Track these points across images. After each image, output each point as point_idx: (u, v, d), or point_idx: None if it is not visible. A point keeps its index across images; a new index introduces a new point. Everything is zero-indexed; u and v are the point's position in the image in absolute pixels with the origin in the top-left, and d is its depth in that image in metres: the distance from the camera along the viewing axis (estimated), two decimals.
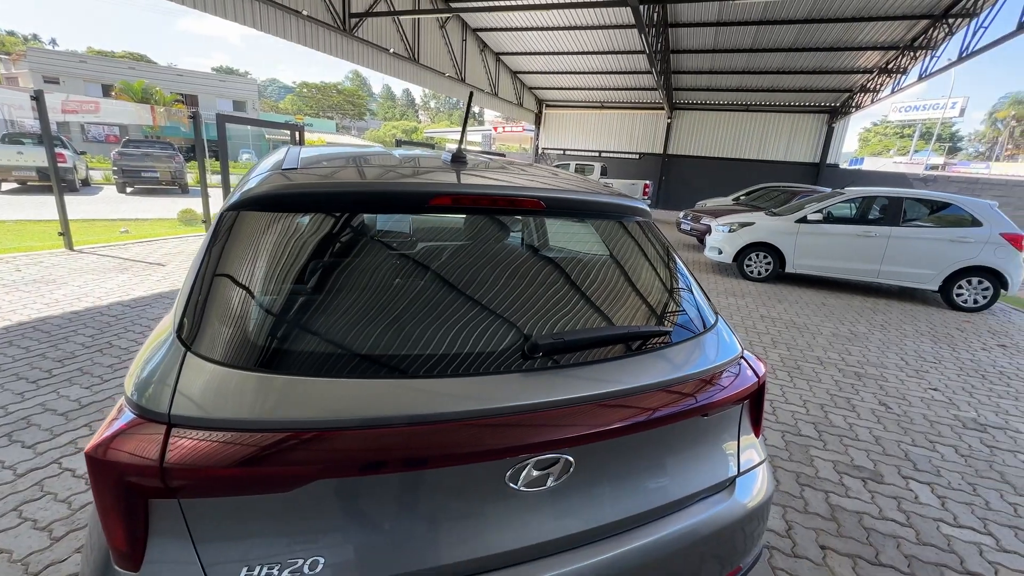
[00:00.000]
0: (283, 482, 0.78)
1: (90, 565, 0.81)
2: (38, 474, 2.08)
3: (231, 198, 1.08)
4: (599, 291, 1.22)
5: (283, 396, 0.81)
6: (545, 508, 0.95)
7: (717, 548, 1.15)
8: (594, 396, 0.96)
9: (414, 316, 0.98)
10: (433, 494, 0.87)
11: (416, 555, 0.86)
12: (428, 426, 0.84)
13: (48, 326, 3.69)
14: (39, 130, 15.09)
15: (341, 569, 0.82)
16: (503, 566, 0.91)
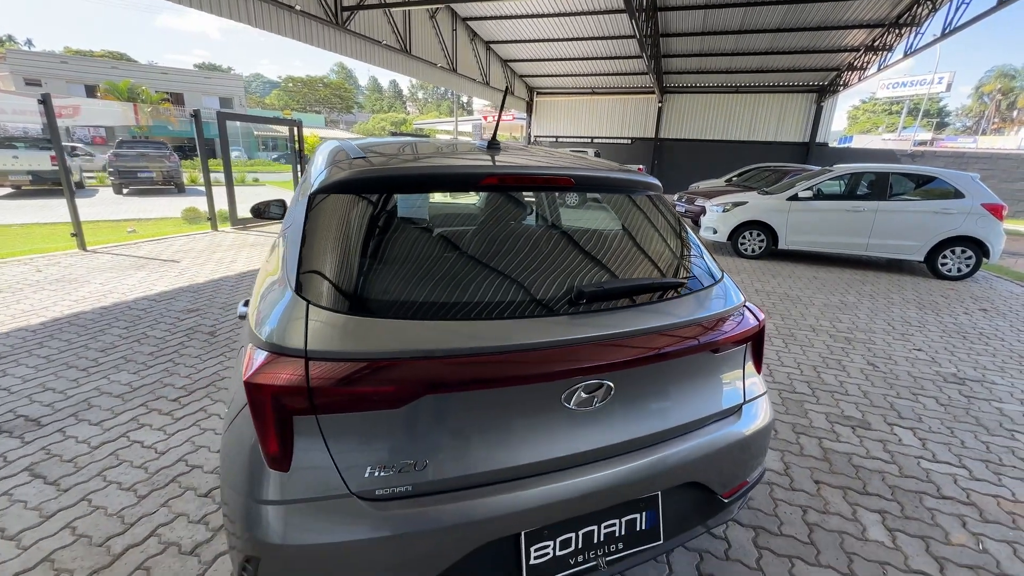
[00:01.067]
0: (393, 399, 1.00)
1: (248, 469, 1.02)
2: (110, 446, 2.30)
3: (316, 184, 1.28)
4: (625, 252, 1.45)
5: (391, 334, 1.02)
6: (591, 424, 1.18)
7: (728, 462, 1.39)
8: (627, 333, 1.19)
9: (483, 272, 1.20)
10: (506, 410, 1.10)
11: (494, 458, 1.09)
12: (501, 355, 1.07)
13: (82, 320, 3.87)
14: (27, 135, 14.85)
15: (440, 468, 1.05)
16: (559, 469, 1.15)
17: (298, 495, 0.99)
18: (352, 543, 0.99)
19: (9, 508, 1.89)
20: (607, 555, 1.22)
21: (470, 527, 1.05)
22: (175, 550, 1.73)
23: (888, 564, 1.80)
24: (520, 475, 1.11)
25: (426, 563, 1.05)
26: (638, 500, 1.24)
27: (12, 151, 12.01)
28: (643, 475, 1.22)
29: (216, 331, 3.77)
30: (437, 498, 1.05)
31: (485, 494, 1.07)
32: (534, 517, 1.11)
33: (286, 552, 0.98)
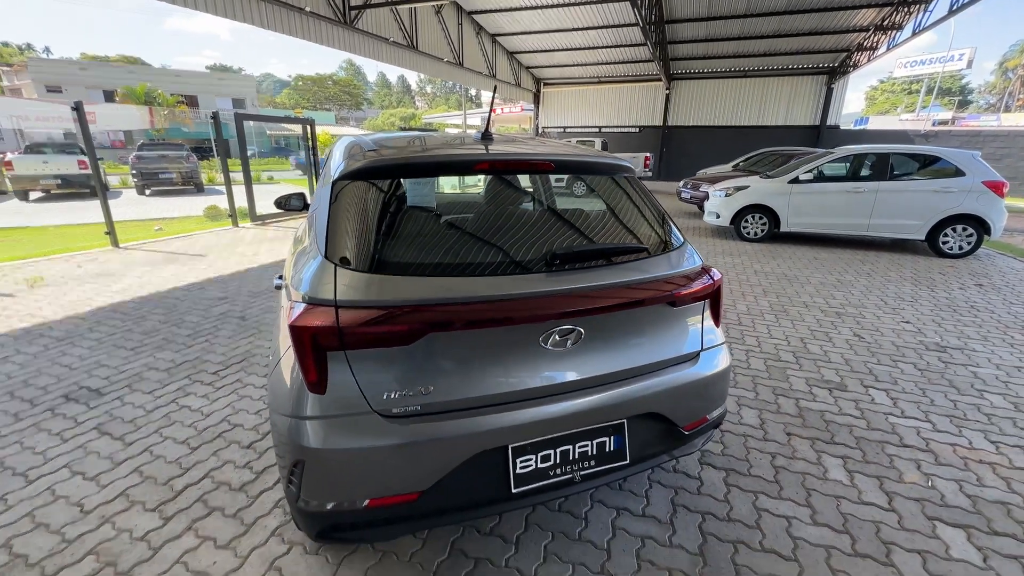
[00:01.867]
0: (405, 337, 1.28)
1: (293, 394, 1.32)
2: (163, 410, 2.64)
3: (336, 173, 1.56)
4: (600, 224, 1.71)
5: (401, 287, 1.30)
6: (565, 362, 1.44)
7: (687, 399, 1.65)
8: (593, 287, 1.45)
9: (475, 239, 1.47)
10: (495, 348, 1.37)
11: (485, 385, 1.36)
12: (489, 303, 1.34)
13: (125, 309, 4.25)
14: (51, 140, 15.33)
15: (443, 392, 1.33)
16: (539, 397, 1.42)
17: (332, 412, 1.28)
18: (374, 448, 1.28)
19: (86, 457, 2.24)
20: (581, 470, 1.49)
21: (467, 439, 1.33)
22: (226, 488, 2.05)
23: (843, 498, 2.05)
24: (507, 400, 1.39)
25: (432, 467, 1.34)
26: (607, 425, 1.51)
27: (42, 156, 12.59)
28: (609, 404, 1.49)
29: (246, 316, 4.11)
30: (440, 416, 1.33)
31: (479, 414, 1.35)
32: (519, 434, 1.39)
33: (324, 455, 1.27)
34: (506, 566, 1.69)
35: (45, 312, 4.14)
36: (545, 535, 1.82)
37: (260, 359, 3.27)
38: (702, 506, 1.99)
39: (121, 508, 1.93)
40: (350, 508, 1.34)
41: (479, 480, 1.40)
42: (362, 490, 1.32)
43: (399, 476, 1.32)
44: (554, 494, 1.49)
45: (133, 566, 1.66)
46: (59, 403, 2.70)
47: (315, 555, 1.72)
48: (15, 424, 2.49)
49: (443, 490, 1.36)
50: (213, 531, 1.82)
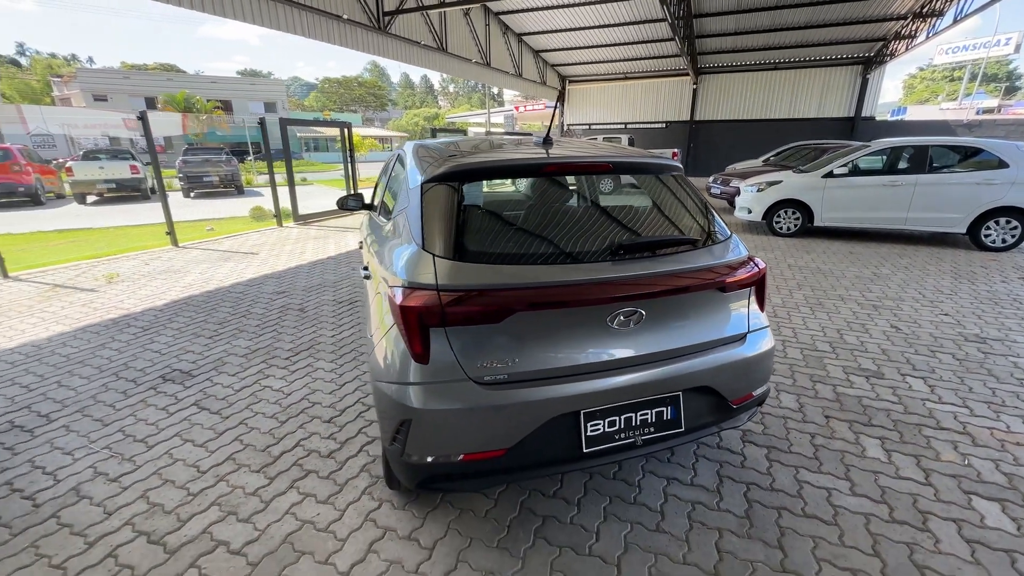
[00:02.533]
0: (494, 316, 1.51)
1: (400, 364, 1.56)
2: (249, 390, 2.95)
3: (423, 176, 1.80)
4: (652, 217, 1.90)
5: (492, 274, 1.53)
6: (629, 339, 1.65)
7: (735, 375, 1.83)
8: (656, 273, 1.65)
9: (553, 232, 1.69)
10: (569, 326, 1.59)
11: (561, 358, 1.58)
12: (564, 287, 1.55)
13: (195, 302, 4.64)
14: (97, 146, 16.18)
15: (525, 363, 1.55)
16: (606, 370, 1.63)
17: (434, 379, 1.52)
18: (469, 410, 1.51)
19: (192, 428, 2.55)
20: (642, 435, 1.69)
21: (546, 404, 1.55)
22: (316, 454, 2.33)
23: (880, 473, 2.19)
24: (579, 372, 1.60)
25: (516, 428, 1.56)
26: (664, 396, 1.71)
27: (98, 162, 13.43)
28: (667, 378, 1.68)
29: (305, 308, 4.44)
30: (523, 384, 1.55)
31: (555, 383, 1.57)
32: (589, 401, 1.60)
33: (428, 415, 1.51)
34: (571, 523, 1.90)
35: (126, 304, 4.56)
36: (603, 499, 2.03)
37: (326, 347, 3.58)
38: (746, 478, 2.16)
39: (231, 469, 2.22)
40: (446, 461, 1.57)
41: (555, 440, 1.61)
42: (457, 446, 1.56)
43: (489, 434, 1.55)
44: (618, 456, 1.69)
45: (252, 514, 1.95)
46: (158, 383, 3.04)
47: (403, 510, 1.97)
48: (126, 400, 2.84)
49: (525, 448, 1.58)
50: (312, 489, 2.09)
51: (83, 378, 3.11)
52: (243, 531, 1.87)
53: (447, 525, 1.89)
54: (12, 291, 5.02)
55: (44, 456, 2.33)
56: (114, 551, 1.78)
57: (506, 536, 1.84)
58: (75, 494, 2.07)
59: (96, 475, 2.19)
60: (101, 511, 1.97)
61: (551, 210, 1.91)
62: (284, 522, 1.91)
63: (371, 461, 2.27)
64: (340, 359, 3.37)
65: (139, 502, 2.03)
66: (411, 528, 1.88)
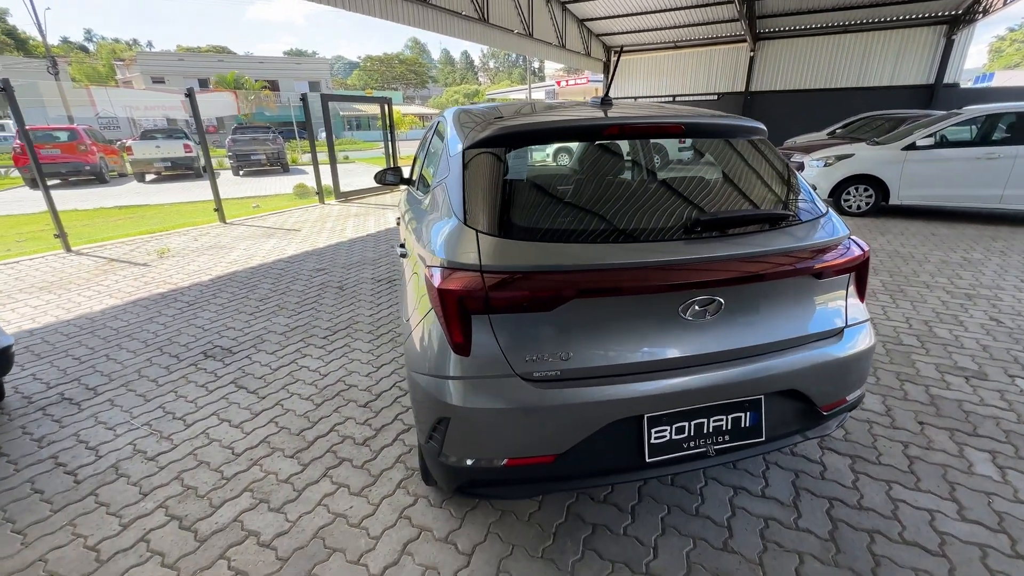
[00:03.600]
0: (547, 303, 1.29)
1: (438, 355, 1.38)
2: (286, 368, 2.89)
3: (466, 141, 1.58)
4: (734, 190, 1.61)
5: (544, 253, 1.31)
6: (704, 333, 1.39)
7: (827, 378, 1.54)
8: (739, 255, 1.38)
9: (615, 204, 1.44)
10: (634, 317, 1.35)
11: (624, 354, 1.35)
12: (632, 270, 1.31)
13: (239, 278, 4.67)
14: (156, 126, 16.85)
15: (582, 359, 1.33)
16: (676, 368, 1.39)
17: (476, 373, 1.33)
18: (515, 410, 1.31)
19: (229, 407, 2.51)
20: (715, 444, 1.45)
21: (604, 407, 1.33)
22: (351, 441, 2.22)
23: (995, 495, 1.85)
24: (644, 370, 1.37)
25: (569, 432, 1.35)
26: (744, 401, 1.45)
27: (155, 141, 13.99)
28: (748, 379, 1.42)
29: (344, 286, 4.38)
30: (579, 382, 1.34)
31: (616, 382, 1.35)
32: (655, 404, 1.37)
33: (469, 414, 1.32)
34: (624, 534, 1.70)
35: (174, 279, 4.65)
36: (660, 507, 1.81)
37: (363, 326, 3.48)
38: (828, 492, 1.88)
39: (264, 453, 2.15)
40: (488, 465, 1.39)
41: (614, 447, 1.40)
42: (501, 449, 1.37)
43: (537, 438, 1.35)
44: (686, 467, 1.46)
45: (283, 504, 1.86)
46: (199, 359, 3.03)
47: (440, 508, 1.82)
48: (168, 375, 2.84)
49: (578, 454, 1.38)
50: (345, 479, 1.98)
51: (130, 352, 3.15)
52: (274, 521, 1.78)
53: (487, 528, 1.73)
54: (74, 264, 5.23)
55: (89, 431, 2.33)
56: (146, 535, 1.72)
57: (552, 545, 1.66)
58: (114, 471, 2.05)
59: (135, 452, 2.17)
60: (137, 491, 1.94)
61: (612, 181, 1.65)
62: (316, 514, 1.81)
63: (407, 451, 2.14)
64: (377, 340, 3.26)
65: (174, 484, 1.98)
66: (448, 530, 1.73)
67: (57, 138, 12.95)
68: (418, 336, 1.50)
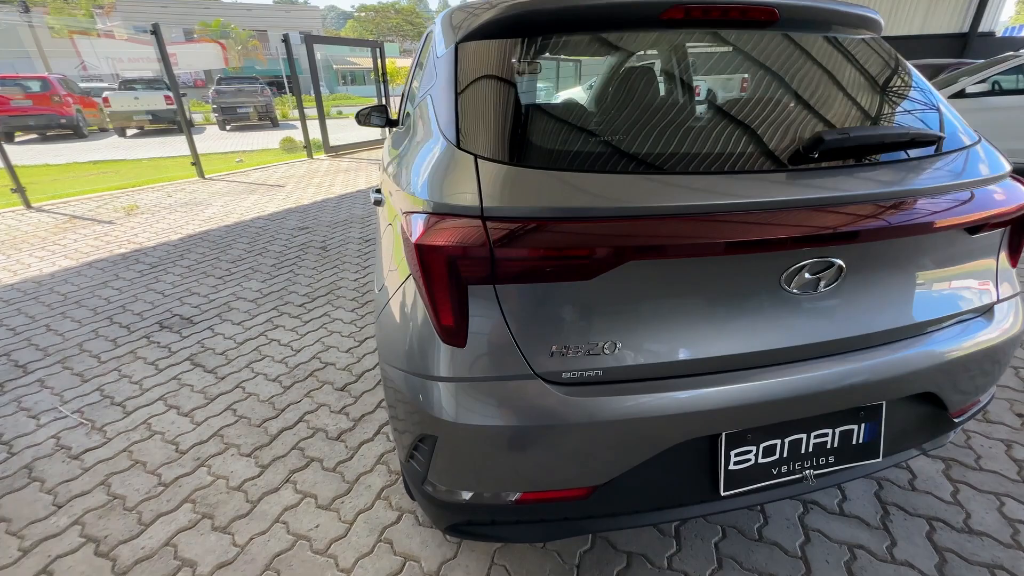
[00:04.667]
0: (585, 268, 0.83)
1: (419, 345, 0.93)
2: (253, 343, 2.46)
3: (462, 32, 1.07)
4: (846, 105, 1.11)
5: (579, 189, 0.83)
6: (815, 312, 0.94)
7: (969, 373, 1.10)
8: (868, 195, 0.90)
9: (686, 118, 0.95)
10: (714, 289, 0.89)
11: (696, 344, 0.90)
12: (714, 216, 0.84)
13: (212, 237, 4.19)
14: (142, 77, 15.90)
15: (634, 352, 0.88)
16: (771, 363, 0.94)
17: (477, 373, 0.88)
18: (534, 428, 0.88)
19: (180, 390, 2.09)
20: (815, 468, 1.02)
21: (665, 423, 0.89)
22: (323, 435, 1.81)
23: None
24: (726, 367, 0.92)
25: (613, 457, 0.92)
26: (859, 408, 1.01)
27: (133, 92, 13.12)
28: (872, 381, 0.98)
29: (327, 246, 3.90)
30: (629, 387, 0.89)
31: (684, 386, 0.90)
32: (738, 417, 0.93)
33: (465, 432, 0.89)
34: (669, 567, 1.31)
35: (140, 238, 4.17)
36: (712, 530, 1.41)
37: (347, 292, 3.03)
38: (923, 508, 1.48)
39: (216, 451, 1.74)
40: (494, 502, 0.97)
41: (675, 476, 0.97)
42: (513, 480, 0.95)
43: (566, 466, 0.93)
44: (774, 495, 1.04)
45: (231, 521, 1.46)
46: (154, 331, 2.60)
47: (430, 528, 1.43)
48: (114, 351, 2.41)
49: (624, 487, 0.95)
50: (312, 486, 1.58)
51: (75, 322, 2.71)
52: (217, 546, 1.38)
53: (491, 558, 1.34)
54: (31, 222, 4.74)
55: (5, 420, 1.92)
56: (50, 565, 1.33)
57: None
58: (26, 474, 1.65)
59: (57, 449, 1.76)
60: (50, 501, 1.54)
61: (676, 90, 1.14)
62: (272, 536, 1.41)
63: (390, 450, 1.74)
64: (362, 308, 2.82)
65: (98, 492, 1.58)
66: (440, 560, 1.33)
67: (28, 88, 12.09)
68: (393, 315, 1.05)
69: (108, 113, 13.02)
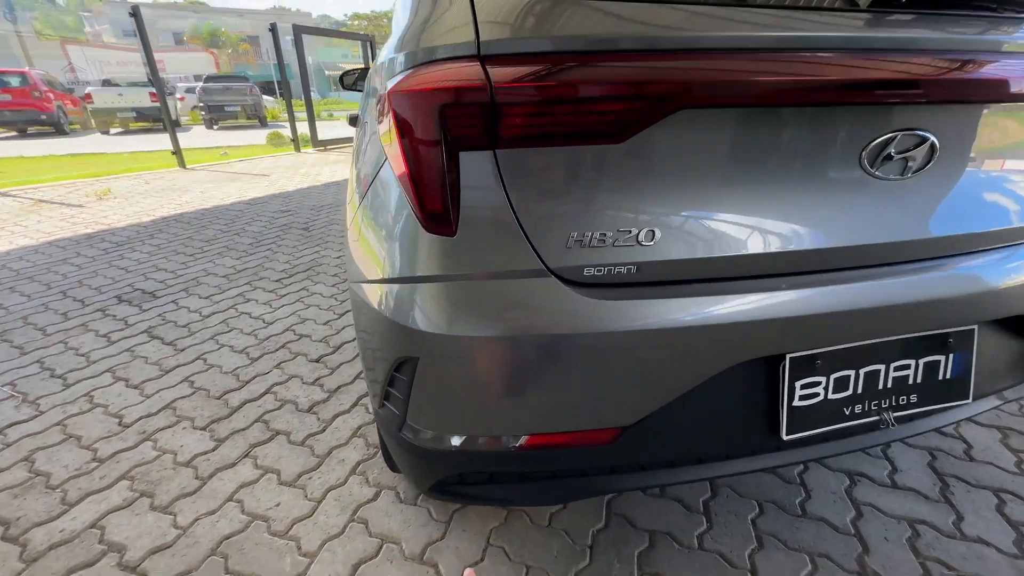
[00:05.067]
0: (617, 125, 0.62)
1: (394, 238, 0.72)
2: (220, 316, 2.22)
3: None
4: None
5: (609, 14, 0.63)
6: (899, 202, 0.74)
7: None
8: (975, 44, 0.71)
9: None
10: (781, 163, 0.69)
11: (755, 235, 0.69)
12: (781, 55, 0.64)
13: (187, 219, 3.94)
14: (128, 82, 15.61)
15: (677, 243, 0.67)
16: (843, 267, 0.74)
17: (469, 269, 0.67)
18: (547, 342, 0.66)
19: (132, 362, 1.85)
20: (894, 408, 0.82)
21: (716, 337, 0.69)
22: (291, 407, 1.58)
23: None
24: (792, 268, 0.72)
25: (648, 388, 0.71)
26: (946, 335, 0.81)
27: (117, 88, 12.83)
28: (964, 294, 0.78)
29: (310, 227, 3.66)
30: (670, 289, 0.68)
31: (739, 290, 0.70)
32: (804, 334, 0.73)
33: (452, 347, 0.67)
34: (701, 548, 1.09)
35: (109, 220, 3.90)
36: (746, 504, 1.20)
37: (328, 269, 2.80)
38: (986, 479, 1.28)
39: (165, 423, 1.50)
40: (492, 449, 0.75)
41: (724, 415, 0.76)
42: (516, 418, 0.73)
43: (587, 397, 0.71)
44: (844, 446, 0.84)
45: (174, 500, 1.22)
46: (111, 304, 2.35)
47: (414, 505, 1.20)
48: (63, 323, 2.16)
49: (658, 429, 0.74)
50: (275, 461, 1.35)
51: (23, 296, 2.45)
52: (154, 528, 1.14)
53: (486, 538, 1.11)
54: None
55: None
56: None
57: (589, 569, 1.04)
58: None
59: None
60: None
61: None
62: (222, 516, 1.17)
63: (369, 422, 1.51)
64: (345, 284, 2.59)
65: (18, 468, 1.33)
66: (425, 541, 1.11)
67: (6, 83, 11.76)
68: (362, 224, 0.84)
69: (91, 110, 12.72)
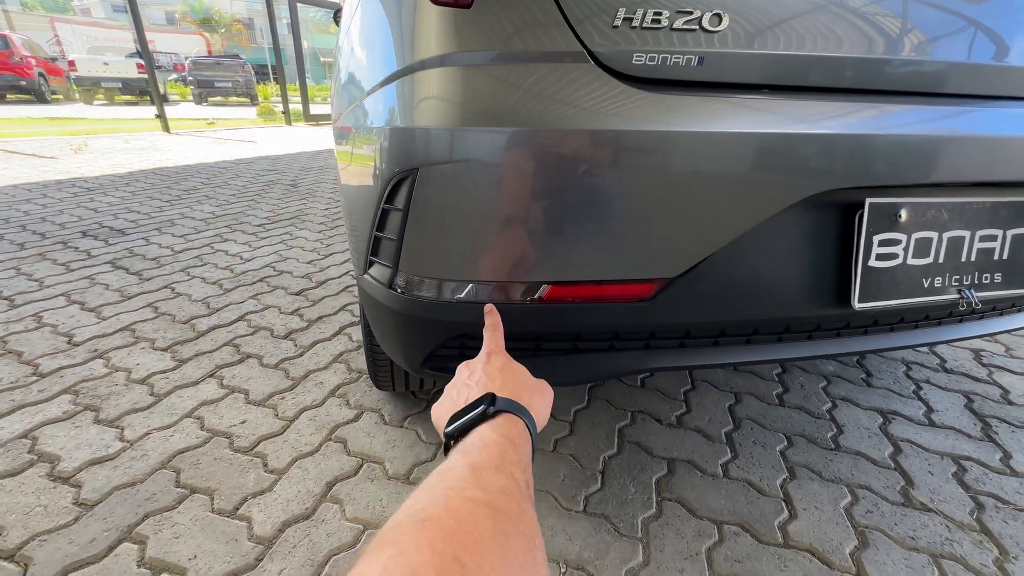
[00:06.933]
0: None
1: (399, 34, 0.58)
2: (194, 251, 2.05)
3: None
4: None
5: None
6: (1002, 18, 0.61)
7: None
8: None
9: None
10: None
11: (846, 38, 0.56)
12: None
13: (166, 172, 3.73)
14: None
15: (752, 34, 0.54)
16: (929, 95, 0.61)
17: (487, 46, 0.52)
18: (583, 141, 0.52)
19: (90, 288, 1.67)
20: (976, 287, 0.69)
21: (793, 153, 0.55)
22: (266, 333, 1.42)
23: None
24: (874, 84, 0.59)
25: (699, 226, 0.57)
26: None
27: (103, 57, 12.40)
28: None
29: (297, 183, 3.49)
30: (737, 90, 0.55)
31: (820, 96, 0.56)
32: (889, 170, 0.60)
33: (462, 148, 0.53)
34: (726, 476, 0.96)
35: (83, 171, 3.68)
36: (773, 436, 1.08)
37: (315, 217, 2.63)
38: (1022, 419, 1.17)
39: (122, 343, 1.34)
40: (501, 300, 0.61)
41: (785, 273, 0.63)
42: (535, 259, 0.58)
43: (625, 234, 0.57)
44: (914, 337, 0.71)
45: (124, 414, 1.06)
46: (75, 238, 2.16)
47: (400, 427, 1.05)
48: (18, 252, 1.97)
49: (706, 286, 0.60)
50: (244, 381, 1.19)
51: None
52: (96, 440, 0.98)
53: None
54: None
55: None
56: None
57: (600, 493, 0.91)
58: None
59: None
60: None
61: None
62: (178, 431, 1.02)
63: (353, 348, 1.36)
64: (331, 230, 2.42)
65: None
66: (412, 462, 0.96)
67: None
68: (362, 13, 0.69)
69: (75, 78, 12.27)
